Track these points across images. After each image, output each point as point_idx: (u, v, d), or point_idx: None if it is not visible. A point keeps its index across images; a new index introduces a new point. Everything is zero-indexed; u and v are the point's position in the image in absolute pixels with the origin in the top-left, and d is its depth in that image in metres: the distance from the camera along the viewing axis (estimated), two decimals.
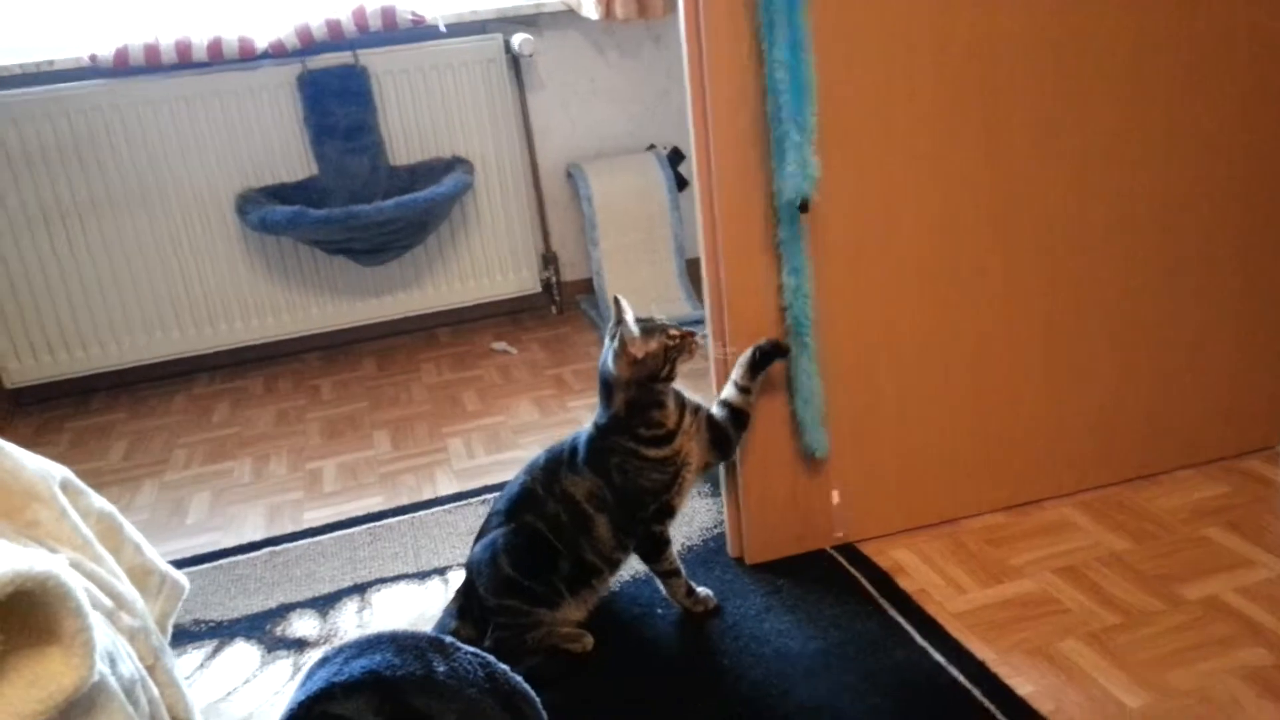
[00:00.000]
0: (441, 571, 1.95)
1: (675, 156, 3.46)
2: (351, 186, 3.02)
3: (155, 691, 1.03)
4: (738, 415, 1.70)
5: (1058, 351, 1.90)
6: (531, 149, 3.33)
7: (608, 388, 1.61)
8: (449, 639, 1.22)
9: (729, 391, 1.70)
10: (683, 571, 1.72)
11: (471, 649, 1.23)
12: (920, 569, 1.81)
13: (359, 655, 1.19)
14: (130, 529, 1.16)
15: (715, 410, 1.70)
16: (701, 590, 1.74)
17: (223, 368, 3.26)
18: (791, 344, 1.72)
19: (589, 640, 1.65)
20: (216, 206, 3.04)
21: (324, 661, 1.22)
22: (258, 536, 2.18)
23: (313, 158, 3.05)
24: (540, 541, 1.62)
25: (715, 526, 1.99)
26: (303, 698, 1.17)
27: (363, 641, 1.22)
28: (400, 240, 3.02)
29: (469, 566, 1.69)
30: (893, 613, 1.69)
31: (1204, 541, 1.79)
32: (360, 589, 1.92)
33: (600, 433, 1.62)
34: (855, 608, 1.71)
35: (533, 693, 1.23)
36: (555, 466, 1.66)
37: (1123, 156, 1.83)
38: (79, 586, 0.87)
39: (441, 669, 1.17)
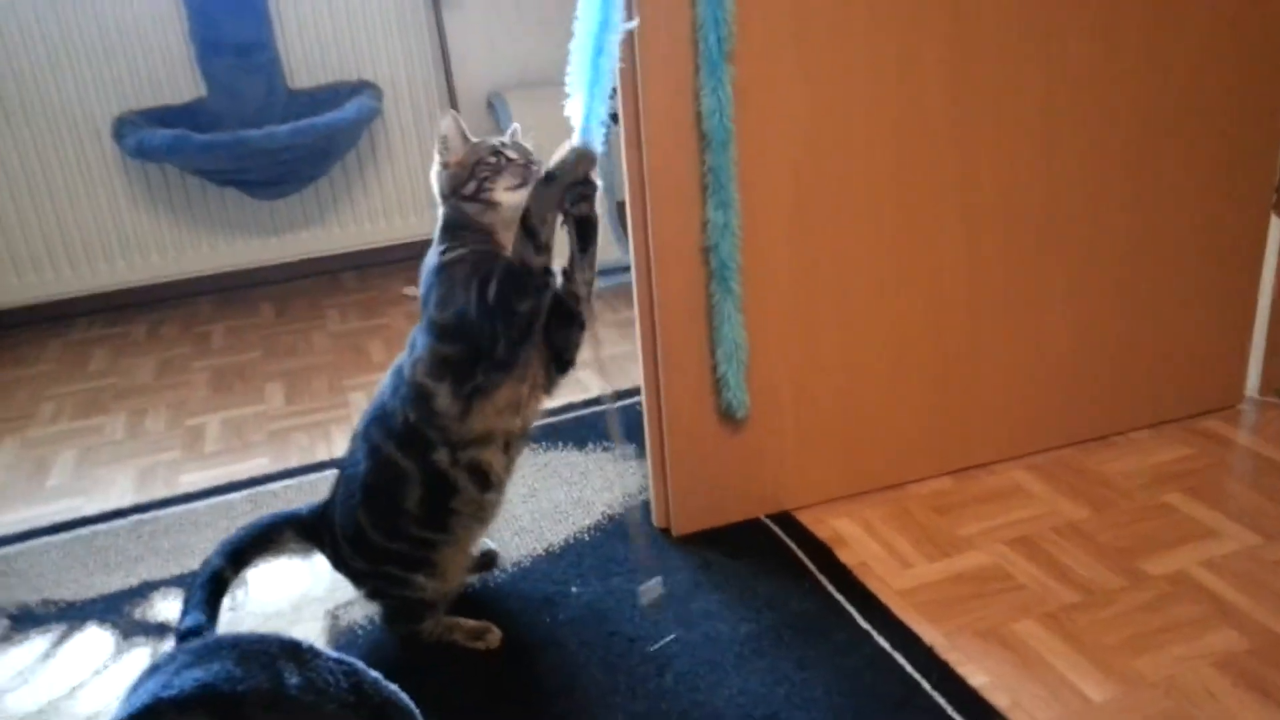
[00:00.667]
0: None
1: None
2: (244, 111, 2.72)
3: None
4: (563, 309, 1.36)
5: (1012, 307, 1.74)
6: (449, 75, 3.04)
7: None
8: (306, 643, 1.01)
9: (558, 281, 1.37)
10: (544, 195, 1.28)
11: (335, 655, 1.02)
12: (862, 540, 1.64)
13: (194, 664, 0.97)
14: None
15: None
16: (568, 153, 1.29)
17: (103, 311, 2.96)
18: (715, 290, 1.51)
19: (495, 636, 1.43)
20: (91, 130, 2.72)
21: (153, 670, 1.00)
22: (125, 503, 1.93)
23: (200, 77, 2.74)
24: (388, 471, 1.34)
25: (640, 492, 1.80)
26: (124, 715, 0.96)
27: (200, 647, 1.00)
28: (299, 171, 2.74)
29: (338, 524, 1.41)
30: (832, 590, 1.52)
31: (1165, 509, 1.66)
32: (237, 564, 1.69)
33: (428, 272, 1.33)
34: (791, 584, 1.54)
35: (411, 704, 1.03)
36: (399, 367, 1.37)
37: (1089, 106, 1.65)
38: None
39: (294, 680, 0.96)
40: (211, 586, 1.35)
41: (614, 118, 3.24)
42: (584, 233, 1.34)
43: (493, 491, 1.39)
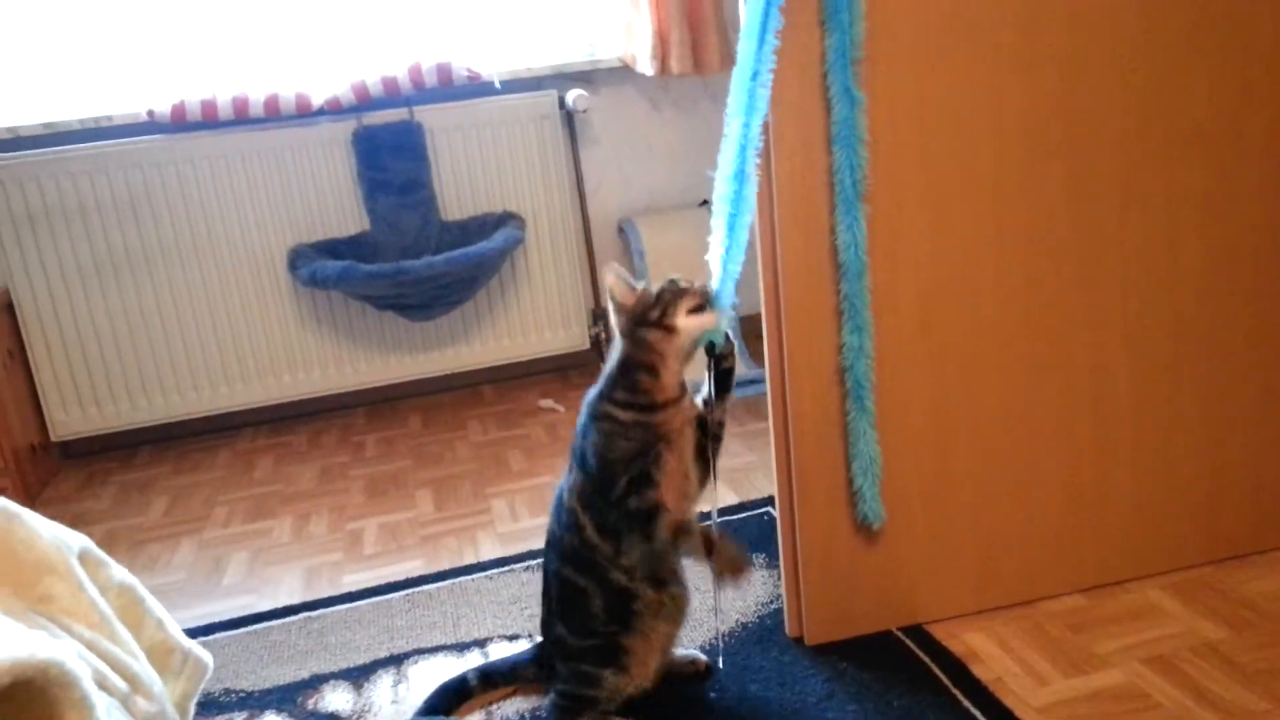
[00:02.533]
0: (482, 644, 1.85)
1: None
2: (403, 242, 3.00)
3: None
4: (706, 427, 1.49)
5: (1145, 422, 1.78)
6: (583, 204, 3.28)
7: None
8: None
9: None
10: (694, 528, 1.46)
11: None
12: (996, 655, 1.67)
13: None
14: (152, 603, 1.08)
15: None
16: (727, 540, 1.46)
17: (267, 423, 3.22)
18: (851, 408, 1.62)
19: None
20: (269, 261, 3.03)
21: None
22: (294, 600, 2.10)
23: (365, 213, 3.04)
24: (568, 588, 1.50)
25: (772, 602, 1.87)
26: None
27: None
28: (450, 295, 2.98)
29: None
30: (967, 704, 1.55)
31: None
32: (396, 660, 1.83)
33: (589, 406, 1.47)
34: (927, 697, 1.58)
35: None
36: (561, 491, 1.53)
37: (1213, 217, 1.72)
38: (85, 675, 0.79)
39: None
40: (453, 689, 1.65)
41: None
42: (723, 382, 1.48)
43: (671, 586, 1.51)
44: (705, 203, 3.37)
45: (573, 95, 3.08)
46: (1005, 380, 1.71)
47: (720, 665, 1.69)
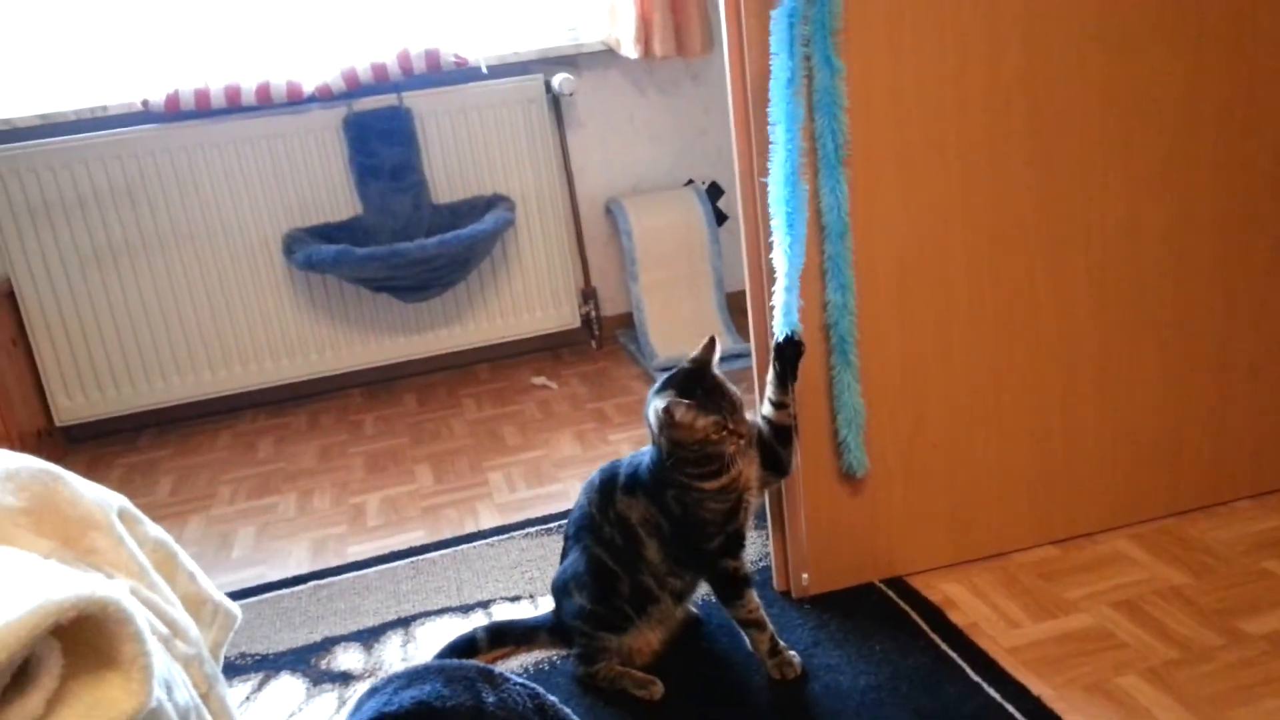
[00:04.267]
0: (485, 605, 1.94)
1: (714, 191, 3.48)
2: (395, 225, 3.07)
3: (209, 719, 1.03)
4: (780, 431, 1.64)
5: (1111, 380, 1.88)
6: (571, 186, 3.36)
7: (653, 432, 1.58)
8: (497, 670, 1.22)
9: (766, 409, 1.66)
10: (768, 624, 1.62)
11: (520, 680, 1.22)
12: (971, 603, 1.77)
13: (408, 686, 1.18)
14: (185, 557, 1.17)
15: (760, 428, 1.66)
16: (789, 652, 1.63)
17: (267, 404, 3.30)
18: (836, 362, 1.71)
19: (657, 690, 1.61)
20: (264, 246, 3.10)
21: (373, 692, 1.22)
22: (302, 570, 2.19)
23: (357, 198, 3.10)
24: (600, 566, 1.63)
25: (761, 560, 1.97)
26: None
27: (411, 672, 1.22)
28: (443, 277, 3.06)
29: (552, 588, 1.76)
30: (945, 647, 1.65)
31: (1265, 575, 1.75)
32: (404, 622, 1.92)
33: (656, 465, 1.59)
34: (906, 642, 1.68)
35: None
36: (610, 489, 1.65)
37: (1177, 173, 1.81)
38: (139, 613, 0.87)
39: (490, 699, 1.16)
40: (462, 646, 1.74)
41: (721, 217, 3.49)
42: (788, 376, 1.62)
43: (687, 604, 1.71)
44: (690, 182, 3.45)
45: (558, 79, 3.15)
46: (976, 339, 1.80)
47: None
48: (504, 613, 1.90)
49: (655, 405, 1.50)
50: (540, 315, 3.37)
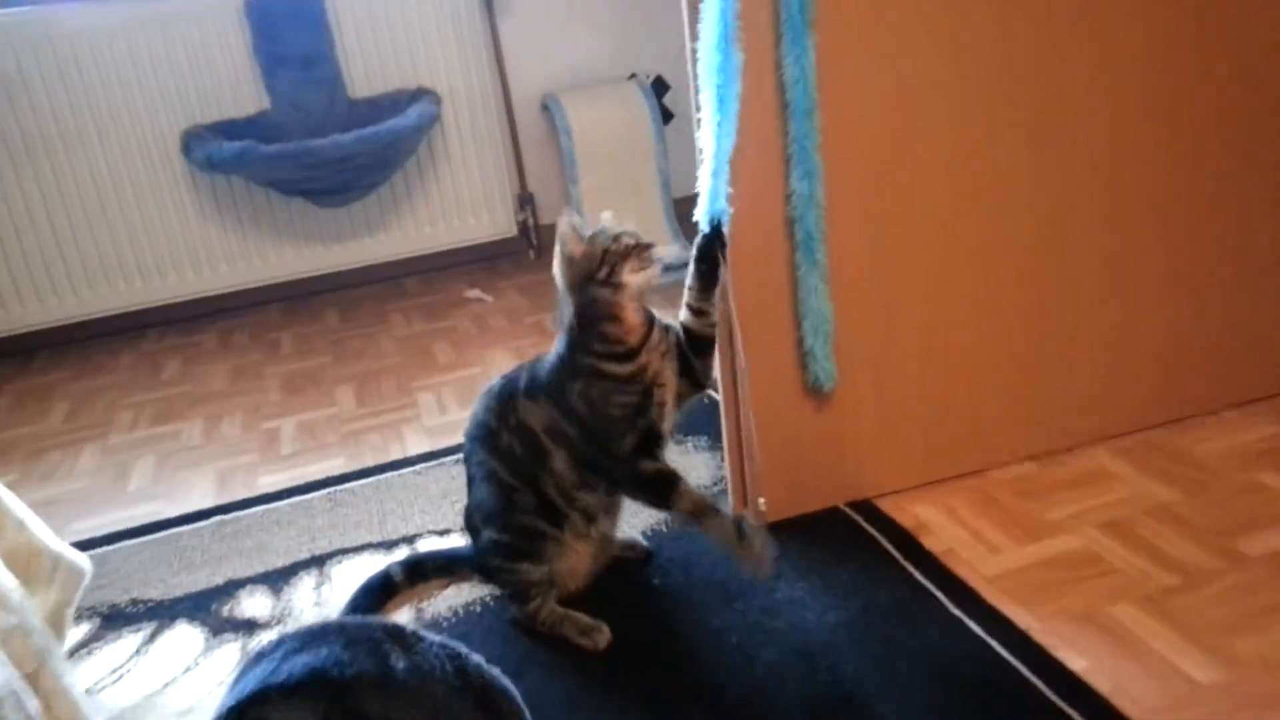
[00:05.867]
0: (410, 540, 1.74)
1: (659, 86, 3.21)
2: (308, 121, 2.77)
3: (35, 705, 0.82)
4: (698, 343, 1.44)
5: (1092, 285, 1.70)
6: (504, 79, 3.07)
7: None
8: (410, 628, 1.02)
9: (684, 315, 1.46)
10: (721, 507, 1.38)
11: (439, 639, 1.02)
12: (946, 526, 1.61)
13: (300, 650, 0.98)
14: (12, 502, 0.94)
15: (678, 335, 1.46)
16: (756, 535, 1.36)
17: (174, 322, 3.02)
18: (801, 261, 1.50)
19: (603, 637, 1.42)
20: (161, 146, 2.79)
21: (259, 657, 1.01)
22: (206, 504, 1.96)
23: (264, 90, 2.79)
24: (499, 485, 1.44)
25: (715, 484, 1.79)
26: (232, 703, 0.97)
27: (305, 633, 1.02)
28: (362, 179, 2.78)
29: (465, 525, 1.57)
30: (919, 577, 1.49)
31: (1260, 489, 1.61)
32: (318, 561, 1.71)
33: (560, 360, 1.41)
34: (877, 572, 1.51)
35: (512, 687, 1.03)
36: (510, 394, 1.45)
37: (1182, 76, 1.62)
38: None
39: (401, 665, 0.96)
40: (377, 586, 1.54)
41: (667, 115, 3.23)
42: (710, 276, 1.44)
43: (601, 526, 1.51)
44: (634, 76, 3.18)
45: None
46: (952, 242, 1.61)
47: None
48: (431, 548, 1.70)
49: (558, 229, 1.37)
50: (473, 223, 3.12)
